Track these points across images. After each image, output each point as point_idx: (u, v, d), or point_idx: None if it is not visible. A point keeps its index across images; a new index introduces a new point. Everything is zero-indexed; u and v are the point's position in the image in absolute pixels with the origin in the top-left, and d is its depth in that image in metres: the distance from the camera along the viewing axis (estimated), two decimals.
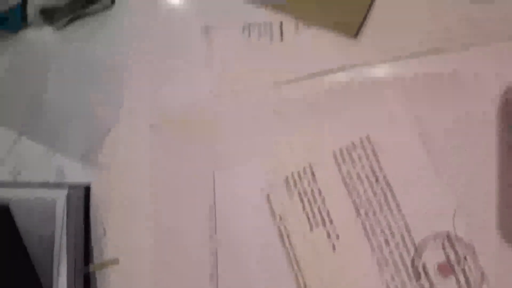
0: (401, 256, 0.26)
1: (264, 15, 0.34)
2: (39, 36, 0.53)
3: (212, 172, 0.34)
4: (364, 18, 0.28)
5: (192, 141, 0.37)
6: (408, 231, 0.26)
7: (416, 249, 0.26)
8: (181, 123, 0.38)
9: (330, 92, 0.30)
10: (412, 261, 0.25)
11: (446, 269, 0.25)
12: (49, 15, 0.46)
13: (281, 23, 0.33)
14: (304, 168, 0.30)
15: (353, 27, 0.28)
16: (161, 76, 0.40)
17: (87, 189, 0.41)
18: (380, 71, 0.29)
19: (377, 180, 0.27)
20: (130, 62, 0.43)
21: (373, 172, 0.28)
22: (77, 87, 0.47)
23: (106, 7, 0.45)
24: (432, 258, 0.25)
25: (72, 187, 0.39)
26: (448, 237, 0.25)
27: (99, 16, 0.46)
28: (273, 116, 0.33)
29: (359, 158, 0.28)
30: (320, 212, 0.29)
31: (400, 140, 0.27)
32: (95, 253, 0.39)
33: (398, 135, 0.27)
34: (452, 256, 0.24)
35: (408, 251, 0.26)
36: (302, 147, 0.31)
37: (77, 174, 0.43)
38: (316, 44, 0.32)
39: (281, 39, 0.33)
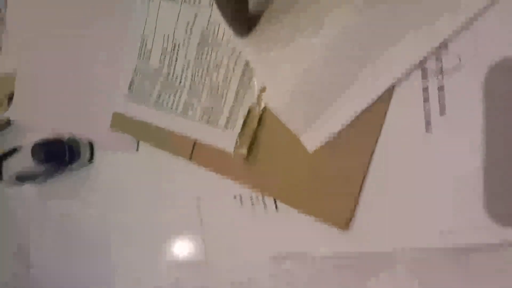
0: None
1: None
2: (17, 191, 0.51)
3: None
4: (354, 208, 0.25)
5: None
6: None
7: None
8: None
9: (337, 270, 0.27)
10: None
11: None
12: (25, 179, 0.45)
13: None
14: None
15: (343, 220, 0.26)
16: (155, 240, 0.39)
17: None
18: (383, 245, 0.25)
19: None
20: (115, 224, 0.41)
21: None
22: (61, 257, 0.45)
23: (84, 165, 0.44)
24: None
25: None
26: None
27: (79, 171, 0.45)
28: None
29: None
30: None
31: None
32: None
33: None
34: None
35: None
36: None
37: None
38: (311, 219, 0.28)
39: (276, 209, 0.30)
